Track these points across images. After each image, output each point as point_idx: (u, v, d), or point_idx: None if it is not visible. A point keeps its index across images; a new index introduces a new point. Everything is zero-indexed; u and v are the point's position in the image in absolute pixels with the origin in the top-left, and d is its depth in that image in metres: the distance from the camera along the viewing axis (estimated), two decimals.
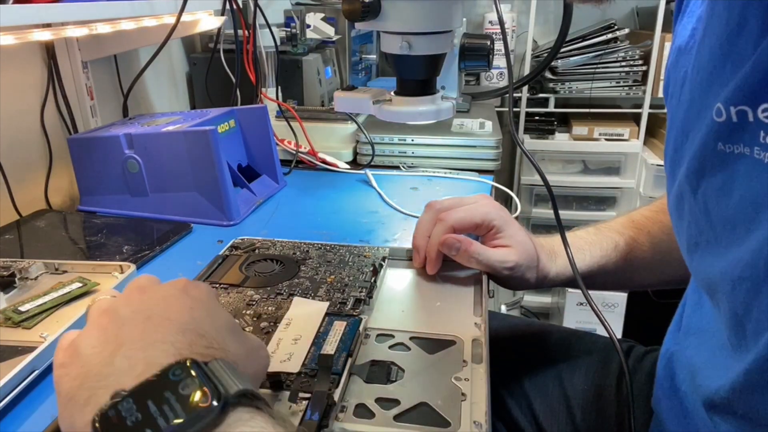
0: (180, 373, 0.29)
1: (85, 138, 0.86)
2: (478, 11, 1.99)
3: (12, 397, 0.45)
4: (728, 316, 0.38)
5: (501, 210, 0.62)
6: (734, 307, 0.37)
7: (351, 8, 0.51)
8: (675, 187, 0.44)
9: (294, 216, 0.87)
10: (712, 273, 0.39)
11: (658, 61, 1.80)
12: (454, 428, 0.41)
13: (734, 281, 0.36)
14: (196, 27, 1.06)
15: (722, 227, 0.37)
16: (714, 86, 0.37)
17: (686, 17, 0.45)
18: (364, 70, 1.51)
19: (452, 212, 0.61)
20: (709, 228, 0.39)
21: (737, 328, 0.37)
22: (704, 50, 0.39)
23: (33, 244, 0.75)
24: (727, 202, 0.36)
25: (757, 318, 0.35)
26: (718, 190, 0.37)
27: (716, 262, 0.38)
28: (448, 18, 0.54)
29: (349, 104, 0.63)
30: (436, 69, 0.58)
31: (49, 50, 0.91)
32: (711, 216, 0.38)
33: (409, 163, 1.07)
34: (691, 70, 0.41)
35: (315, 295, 0.58)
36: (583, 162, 1.98)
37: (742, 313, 0.36)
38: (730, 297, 0.37)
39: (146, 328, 0.33)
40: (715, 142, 0.36)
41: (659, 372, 0.57)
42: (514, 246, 0.60)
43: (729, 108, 0.34)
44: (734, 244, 0.36)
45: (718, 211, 0.38)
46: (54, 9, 0.66)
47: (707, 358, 0.46)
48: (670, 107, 0.46)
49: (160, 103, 1.24)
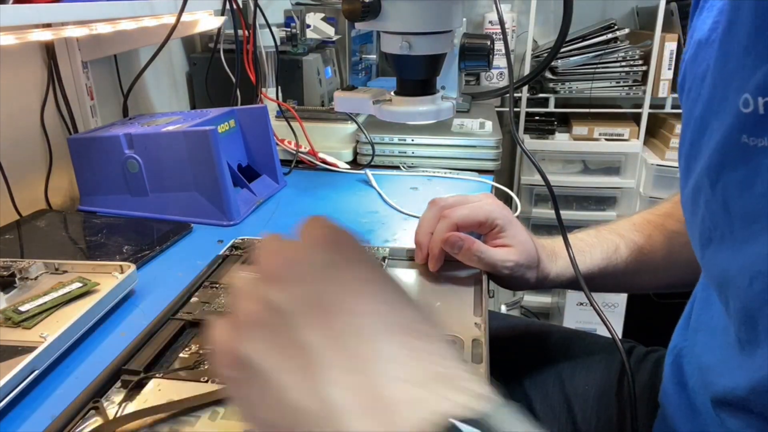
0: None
1: (85, 138, 0.86)
2: (478, 11, 1.99)
3: (12, 397, 0.45)
4: (740, 313, 0.38)
5: (504, 209, 0.62)
6: (748, 303, 0.37)
7: (351, 8, 0.51)
8: (691, 181, 0.44)
9: (294, 216, 0.87)
10: (726, 268, 0.39)
11: (658, 61, 1.80)
12: None
13: (752, 276, 0.36)
14: (196, 27, 1.06)
15: (741, 221, 0.37)
16: (741, 77, 0.36)
17: (705, 11, 0.45)
18: (364, 70, 1.51)
19: (456, 210, 0.61)
20: (726, 222, 0.39)
21: (748, 325, 0.37)
22: (730, 42, 0.38)
23: (33, 244, 0.75)
24: (749, 196, 0.36)
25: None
26: (739, 183, 0.37)
27: (732, 257, 0.38)
28: (448, 18, 0.54)
29: (349, 104, 0.63)
30: (436, 69, 0.58)
31: (49, 50, 0.91)
32: (730, 210, 0.38)
33: (409, 163, 1.07)
34: (714, 62, 0.41)
35: None
36: (583, 162, 1.98)
37: (758, 308, 0.36)
38: (746, 292, 0.36)
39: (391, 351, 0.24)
40: (739, 134, 0.36)
41: (666, 368, 0.57)
42: (516, 246, 0.60)
43: (757, 99, 0.34)
44: (752, 238, 0.36)
45: (737, 205, 0.37)
46: (54, 9, 0.66)
47: (717, 356, 0.46)
48: (688, 102, 0.46)
49: (160, 103, 1.24)
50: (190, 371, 0.47)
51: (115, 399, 0.44)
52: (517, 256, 0.60)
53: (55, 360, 0.50)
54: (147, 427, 0.41)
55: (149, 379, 0.46)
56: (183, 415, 0.42)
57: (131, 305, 0.61)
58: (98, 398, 0.44)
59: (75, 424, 0.41)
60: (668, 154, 1.84)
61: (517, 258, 0.60)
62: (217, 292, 0.60)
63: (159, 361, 0.49)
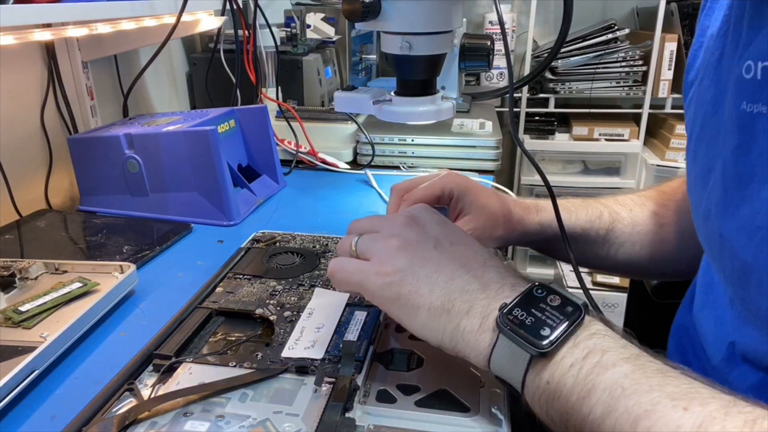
0: (542, 292, 0.39)
1: (86, 138, 0.86)
2: (478, 11, 1.99)
3: (12, 397, 0.45)
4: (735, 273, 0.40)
5: (461, 180, 0.62)
6: (746, 259, 0.38)
7: (351, 8, 0.51)
8: (699, 164, 0.46)
9: (294, 216, 0.87)
10: (721, 233, 0.41)
11: (658, 61, 1.80)
12: (474, 414, 0.42)
13: (751, 232, 0.37)
14: (197, 27, 1.06)
15: (736, 186, 0.39)
16: (745, 46, 0.38)
17: (717, 10, 0.47)
18: (364, 71, 1.51)
19: (413, 192, 0.61)
20: (722, 191, 0.40)
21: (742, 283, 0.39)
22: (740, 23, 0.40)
23: (33, 244, 0.75)
24: (744, 161, 0.38)
25: (763, 264, 0.37)
26: (734, 150, 0.39)
27: (727, 222, 0.40)
28: (448, 18, 0.54)
29: (349, 104, 0.63)
30: (437, 69, 0.58)
31: (50, 50, 0.91)
32: (726, 177, 0.40)
33: (409, 164, 1.07)
34: (726, 47, 0.43)
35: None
36: (583, 162, 1.98)
37: (751, 261, 0.38)
38: (745, 249, 0.38)
39: (477, 262, 0.43)
40: (740, 102, 0.37)
41: (670, 347, 0.60)
42: (473, 211, 0.61)
43: (758, 63, 0.36)
44: (747, 200, 0.38)
45: (732, 171, 0.39)
46: (54, 9, 0.66)
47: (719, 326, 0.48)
48: (701, 90, 0.47)
49: (161, 103, 1.24)
50: (218, 356, 0.49)
51: (148, 382, 0.46)
52: (474, 223, 0.60)
53: (55, 360, 0.50)
54: (179, 407, 0.43)
55: (180, 364, 0.48)
56: (213, 397, 0.44)
57: (131, 305, 0.61)
58: (132, 381, 0.46)
59: (111, 405, 0.43)
60: (668, 155, 1.84)
61: (474, 224, 0.60)
62: (240, 282, 0.61)
63: (188, 347, 0.51)
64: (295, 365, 0.47)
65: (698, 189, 0.46)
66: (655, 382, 0.32)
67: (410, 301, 0.42)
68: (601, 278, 1.72)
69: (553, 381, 0.35)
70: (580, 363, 0.35)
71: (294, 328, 0.52)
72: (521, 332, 0.37)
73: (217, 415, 0.42)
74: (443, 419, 0.42)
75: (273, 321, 0.54)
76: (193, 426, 0.41)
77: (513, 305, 0.38)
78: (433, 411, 0.42)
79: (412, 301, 0.42)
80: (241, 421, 0.41)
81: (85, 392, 0.46)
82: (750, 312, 0.41)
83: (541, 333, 0.36)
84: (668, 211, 0.66)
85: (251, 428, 0.41)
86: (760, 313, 0.39)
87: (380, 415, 0.42)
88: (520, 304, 0.38)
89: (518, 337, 0.37)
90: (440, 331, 0.41)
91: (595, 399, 0.33)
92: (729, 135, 0.39)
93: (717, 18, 0.47)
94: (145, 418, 0.42)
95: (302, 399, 0.43)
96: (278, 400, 0.43)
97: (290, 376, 0.46)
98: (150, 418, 0.42)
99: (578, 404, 0.34)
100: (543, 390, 0.36)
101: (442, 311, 0.41)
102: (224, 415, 0.42)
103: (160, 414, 0.42)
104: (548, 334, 0.36)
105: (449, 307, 0.40)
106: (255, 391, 0.45)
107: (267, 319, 0.54)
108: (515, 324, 0.37)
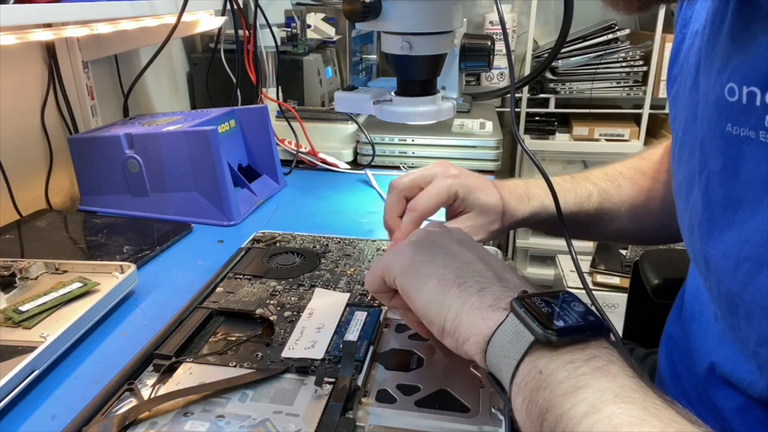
0: (569, 297, 0.38)
1: (86, 138, 0.86)
2: (478, 11, 1.99)
3: (12, 397, 0.45)
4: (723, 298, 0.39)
5: (461, 177, 0.61)
6: (732, 288, 0.37)
7: (351, 8, 0.51)
8: (682, 170, 0.45)
9: (294, 216, 0.87)
10: (707, 254, 0.40)
11: (658, 61, 1.80)
12: (474, 414, 0.42)
13: (738, 261, 0.36)
14: (197, 27, 1.06)
15: (721, 209, 0.38)
16: (727, 67, 0.37)
17: (699, 3, 0.46)
18: (364, 71, 1.51)
19: (418, 201, 0.59)
20: (706, 210, 0.40)
21: (731, 310, 0.39)
22: (719, 31, 0.39)
23: (33, 244, 0.75)
24: (732, 184, 0.37)
25: (752, 298, 0.36)
26: (719, 172, 0.38)
27: (713, 244, 0.39)
28: (449, 18, 0.54)
29: (349, 104, 0.63)
30: (437, 69, 0.58)
31: (50, 50, 0.91)
32: (710, 198, 0.39)
33: (410, 164, 1.07)
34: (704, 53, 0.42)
35: (335, 286, 0.60)
36: (584, 162, 1.98)
37: (738, 291, 0.37)
38: (731, 277, 0.37)
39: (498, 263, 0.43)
40: (725, 123, 0.36)
41: (661, 359, 0.59)
42: (475, 209, 0.61)
43: (742, 88, 0.35)
44: (734, 226, 0.37)
45: (718, 194, 0.38)
46: (54, 9, 0.66)
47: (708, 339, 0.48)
48: (683, 90, 0.46)
49: (161, 103, 1.24)
50: (218, 356, 0.49)
51: (148, 382, 0.46)
52: (473, 220, 0.61)
53: (56, 360, 0.50)
54: (179, 408, 0.43)
55: (180, 364, 0.48)
56: (214, 397, 0.44)
57: (131, 305, 0.61)
58: (132, 381, 0.46)
59: (111, 405, 0.43)
60: None
61: (473, 221, 0.61)
62: (240, 282, 0.61)
63: (188, 347, 0.51)
64: (295, 365, 0.47)
65: (682, 197, 0.45)
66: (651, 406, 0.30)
67: (422, 270, 0.41)
68: (601, 278, 1.72)
69: (547, 371, 0.33)
70: (580, 362, 0.33)
71: (294, 329, 0.52)
72: (534, 314, 0.35)
73: (217, 415, 0.42)
74: (443, 419, 0.42)
75: (273, 321, 0.54)
76: (193, 426, 0.41)
77: (533, 294, 0.37)
78: (433, 411, 0.42)
79: (424, 270, 0.41)
80: (242, 421, 0.41)
81: (85, 392, 0.46)
82: (739, 340, 0.39)
83: (554, 321, 0.34)
84: (657, 183, 0.67)
85: (251, 428, 0.41)
86: (749, 343, 0.38)
87: (380, 415, 0.42)
88: (541, 296, 0.37)
89: (529, 319, 0.35)
90: (446, 308, 0.39)
91: (581, 396, 0.31)
92: (712, 154, 0.38)
93: (700, 12, 0.45)
94: (145, 418, 0.42)
95: (302, 399, 0.43)
96: (278, 400, 0.43)
97: (290, 376, 0.46)
98: (150, 418, 0.42)
99: (562, 398, 0.32)
100: (532, 378, 0.34)
101: (452, 285, 0.39)
102: (224, 415, 0.42)
103: (160, 414, 0.42)
104: (560, 325, 0.34)
105: (461, 282, 0.39)
106: (255, 391, 0.45)
107: (267, 319, 0.54)
108: (530, 308, 0.35)
